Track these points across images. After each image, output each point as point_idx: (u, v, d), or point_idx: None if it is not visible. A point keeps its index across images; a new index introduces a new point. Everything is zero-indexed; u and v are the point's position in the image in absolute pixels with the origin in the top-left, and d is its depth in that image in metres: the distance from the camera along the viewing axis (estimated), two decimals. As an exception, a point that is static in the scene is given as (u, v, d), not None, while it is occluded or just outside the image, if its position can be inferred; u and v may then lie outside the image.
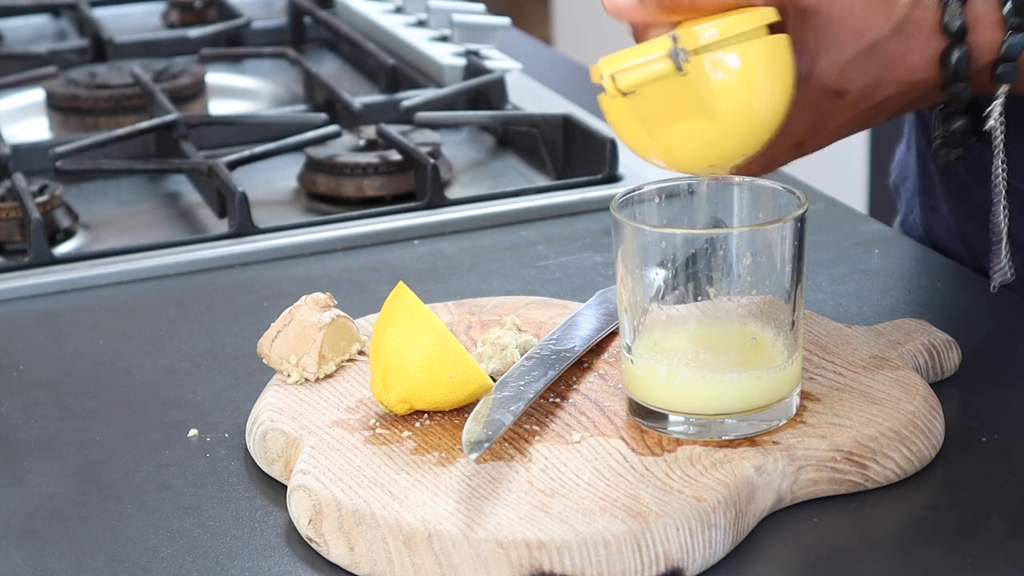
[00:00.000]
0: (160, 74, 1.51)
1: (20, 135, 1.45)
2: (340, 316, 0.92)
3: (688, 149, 0.83)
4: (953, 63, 0.84)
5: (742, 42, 0.80)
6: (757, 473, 0.79)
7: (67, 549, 0.80)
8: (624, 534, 0.75)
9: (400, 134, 1.28)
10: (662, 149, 0.83)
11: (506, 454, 0.82)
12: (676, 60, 0.80)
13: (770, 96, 0.82)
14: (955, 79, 0.85)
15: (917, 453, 0.82)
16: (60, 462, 0.88)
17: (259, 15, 1.76)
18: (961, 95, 0.85)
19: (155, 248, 1.15)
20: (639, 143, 0.84)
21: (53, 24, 1.83)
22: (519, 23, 1.75)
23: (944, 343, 0.91)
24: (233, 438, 0.89)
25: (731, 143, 0.82)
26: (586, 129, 1.28)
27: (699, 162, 0.84)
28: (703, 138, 0.82)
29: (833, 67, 0.84)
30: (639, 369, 0.83)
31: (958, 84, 0.85)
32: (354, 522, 0.77)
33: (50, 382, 0.98)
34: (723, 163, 0.84)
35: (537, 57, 1.62)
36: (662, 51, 0.80)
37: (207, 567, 0.78)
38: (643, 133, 0.83)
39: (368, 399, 0.88)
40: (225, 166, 1.22)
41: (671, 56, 0.80)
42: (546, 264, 1.12)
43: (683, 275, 0.81)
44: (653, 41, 0.81)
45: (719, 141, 0.82)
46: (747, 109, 0.81)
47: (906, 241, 1.13)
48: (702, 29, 0.80)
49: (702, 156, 0.83)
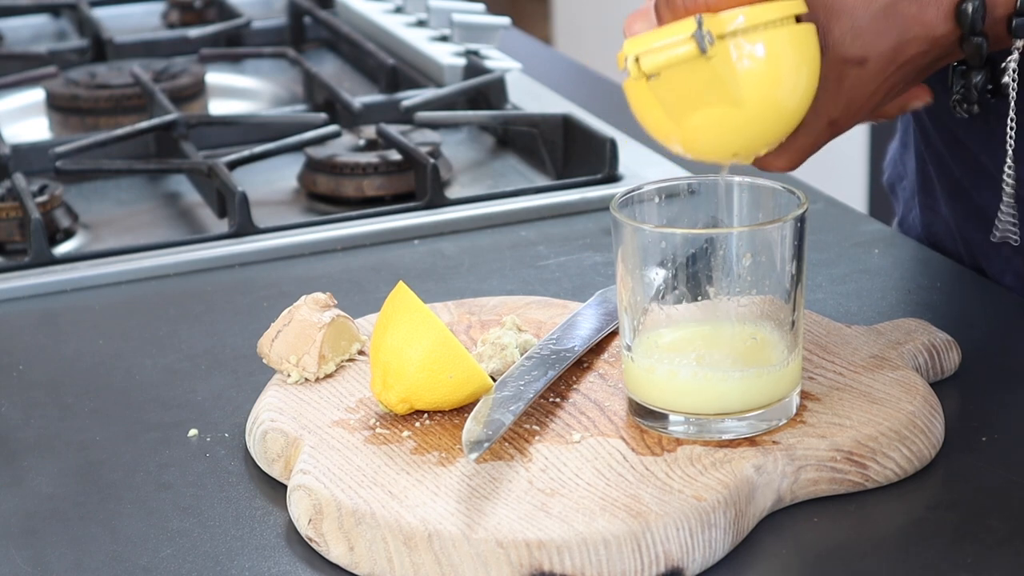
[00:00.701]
0: (160, 74, 1.51)
1: (20, 135, 1.45)
2: (340, 316, 0.92)
3: (711, 136, 0.82)
4: (970, 15, 0.83)
5: (769, 30, 0.80)
6: (757, 473, 0.79)
7: (67, 549, 0.80)
8: (624, 534, 0.75)
9: (400, 134, 1.28)
10: (684, 136, 0.82)
11: (506, 454, 0.82)
12: (701, 43, 0.79)
13: (795, 85, 0.81)
14: (972, 32, 0.84)
15: (917, 453, 0.82)
16: (60, 462, 0.88)
17: (259, 15, 1.76)
18: (979, 49, 0.84)
19: (155, 248, 1.15)
20: (661, 129, 0.82)
21: (53, 24, 1.83)
22: (519, 23, 1.75)
23: (944, 343, 0.91)
24: (233, 438, 0.89)
25: (754, 131, 0.81)
26: (586, 129, 1.28)
27: (721, 150, 0.83)
28: (726, 125, 0.81)
29: (847, 35, 0.83)
30: (639, 369, 0.83)
31: (975, 38, 0.84)
32: (354, 522, 0.77)
33: (50, 382, 0.98)
34: (745, 152, 0.83)
35: (537, 57, 1.62)
36: (687, 33, 0.79)
37: (207, 567, 0.78)
38: (666, 119, 0.82)
39: (368, 399, 0.88)
40: (225, 166, 1.22)
41: (695, 38, 0.79)
42: (546, 264, 1.12)
43: (683, 275, 0.81)
44: (678, 23, 0.80)
45: (742, 129, 0.81)
46: (771, 97, 0.80)
47: (906, 241, 1.13)
48: (729, 14, 0.80)
49: (725, 144, 0.82)
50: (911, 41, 0.84)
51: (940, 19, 0.84)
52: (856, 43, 0.83)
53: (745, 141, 0.82)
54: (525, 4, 3.99)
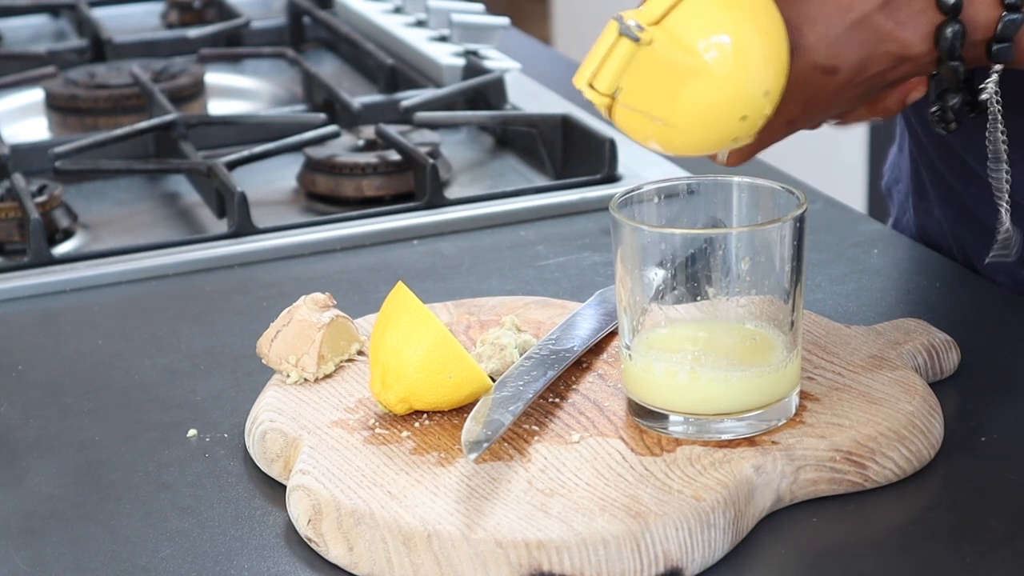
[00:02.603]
0: (159, 74, 1.51)
1: (19, 135, 1.45)
2: (339, 316, 0.92)
3: (700, 116, 0.80)
4: (948, 39, 0.82)
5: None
6: (756, 473, 0.79)
7: (66, 549, 0.80)
8: (623, 534, 0.75)
9: (399, 134, 1.28)
10: (679, 129, 0.81)
11: (505, 454, 0.82)
12: (630, 34, 0.79)
13: (742, 31, 0.80)
14: (949, 57, 0.82)
15: (916, 453, 0.82)
16: (59, 462, 0.88)
17: (258, 15, 1.76)
18: (956, 72, 0.83)
19: (154, 248, 1.15)
20: (658, 136, 0.82)
21: (52, 24, 1.83)
22: (518, 23, 1.75)
23: (943, 343, 0.91)
24: (232, 438, 0.89)
25: (733, 90, 0.80)
26: (585, 129, 1.28)
27: (717, 125, 0.81)
28: (707, 99, 0.80)
29: (821, 42, 0.82)
30: (638, 369, 0.83)
31: (952, 62, 0.83)
32: (353, 522, 0.77)
33: (50, 382, 0.98)
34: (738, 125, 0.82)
35: (536, 57, 1.62)
36: (614, 35, 0.80)
37: (206, 567, 0.78)
38: (655, 125, 0.82)
39: (367, 399, 0.88)
40: (224, 166, 1.22)
41: (623, 34, 0.79)
42: (545, 264, 1.12)
43: (682, 275, 0.81)
44: (603, 34, 0.81)
45: (721, 95, 0.80)
46: (728, 50, 0.79)
47: (905, 241, 1.13)
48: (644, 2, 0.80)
49: (716, 118, 0.81)
50: (884, 55, 0.83)
51: (918, 39, 0.82)
52: (829, 52, 0.82)
53: (733, 105, 0.80)
54: (525, 4, 3.99)
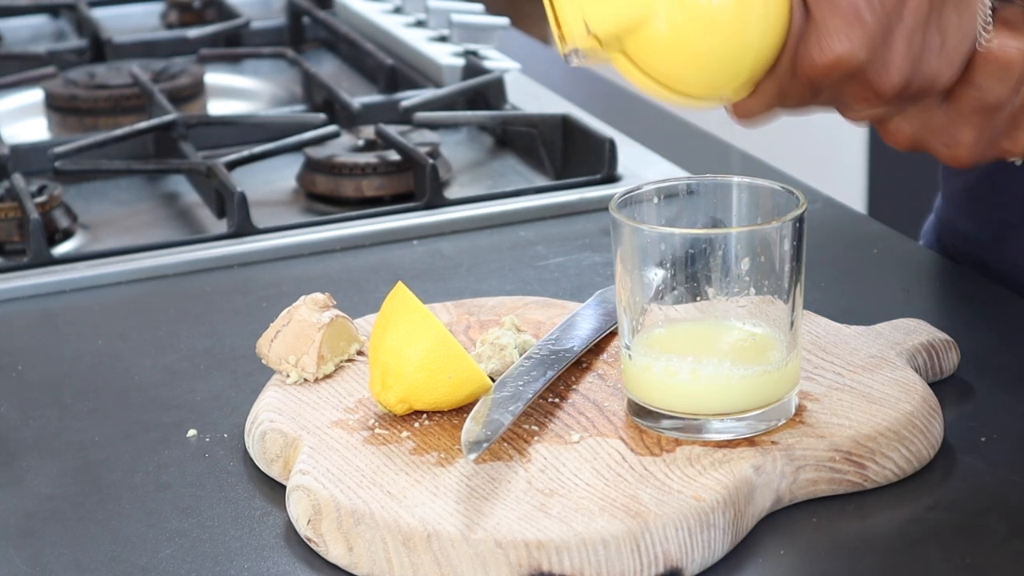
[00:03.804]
0: (159, 74, 1.51)
1: (19, 135, 1.45)
2: (339, 316, 0.92)
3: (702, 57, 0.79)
4: None
5: None
6: (756, 473, 0.79)
7: (66, 549, 0.80)
8: (623, 534, 0.75)
9: (399, 134, 1.28)
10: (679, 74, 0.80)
11: (505, 454, 0.82)
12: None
13: None
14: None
15: (916, 453, 0.82)
16: (59, 462, 0.88)
17: (258, 15, 1.75)
18: None
19: (154, 248, 1.15)
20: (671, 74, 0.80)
21: (52, 24, 1.83)
22: (518, 23, 1.75)
23: (943, 343, 0.91)
24: (232, 438, 0.89)
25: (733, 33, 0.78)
26: (585, 129, 1.28)
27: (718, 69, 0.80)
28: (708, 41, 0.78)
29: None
30: (638, 369, 0.83)
31: None
32: (353, 522, 0.77)
33: (49, 382, 0.98)
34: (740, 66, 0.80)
35: (536, 57, 1.62)
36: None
37: (206, 567, 0.78)
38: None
39: (367, 399, 0.88)
40: (224, 166, 1.22)
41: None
42: (545, 264, 1.12)
43: (682, 275, 0.81)
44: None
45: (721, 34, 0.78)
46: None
47: (905, 241, 1.13)
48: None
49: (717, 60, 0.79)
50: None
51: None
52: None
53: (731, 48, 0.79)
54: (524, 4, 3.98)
